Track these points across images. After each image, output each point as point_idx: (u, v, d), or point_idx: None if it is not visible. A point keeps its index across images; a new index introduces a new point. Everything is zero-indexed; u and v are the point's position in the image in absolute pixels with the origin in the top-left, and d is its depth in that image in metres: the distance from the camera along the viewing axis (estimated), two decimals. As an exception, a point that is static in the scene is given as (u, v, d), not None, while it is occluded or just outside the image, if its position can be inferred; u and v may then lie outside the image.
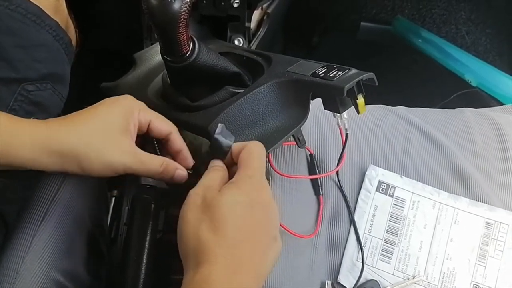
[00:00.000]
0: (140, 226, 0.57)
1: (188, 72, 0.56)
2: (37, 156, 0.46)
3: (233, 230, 0.41)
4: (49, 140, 0.46)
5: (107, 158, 0.48)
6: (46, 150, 0.46)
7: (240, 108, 0.54)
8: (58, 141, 0.47)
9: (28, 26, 0.53)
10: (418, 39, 1.30)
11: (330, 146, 0.63)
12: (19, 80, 0.52)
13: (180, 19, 0.48)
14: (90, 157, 0.48)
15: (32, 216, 0.52)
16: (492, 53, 1.38)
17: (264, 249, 0.43)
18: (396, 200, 0.60)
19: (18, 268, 0.49)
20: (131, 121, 0.51)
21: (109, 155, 0.49)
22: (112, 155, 0.49)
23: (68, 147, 0.47)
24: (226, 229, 0.41)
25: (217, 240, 0.41)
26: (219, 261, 0.40)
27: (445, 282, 0.56)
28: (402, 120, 0.68)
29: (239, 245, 0.41)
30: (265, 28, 0.92)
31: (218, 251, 0.40)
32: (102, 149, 0.48)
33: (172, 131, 0.54)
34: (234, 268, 0.40)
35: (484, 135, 0.66)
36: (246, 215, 0.43)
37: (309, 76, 0.53)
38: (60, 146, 0.47)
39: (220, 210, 0.42)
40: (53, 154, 0.47)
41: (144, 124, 0.53)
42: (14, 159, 0.45)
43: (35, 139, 0.46)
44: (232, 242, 0.41)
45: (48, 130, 0.47)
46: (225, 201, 0.43)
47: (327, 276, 0.57)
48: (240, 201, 0.43)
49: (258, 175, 0.46)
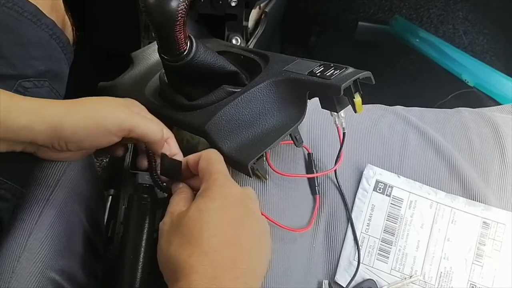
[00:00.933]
0: (137, 225, 0.57)
1: (185, 71, 0.56)
2: (32, 123, 0.45)
3: (207, 237, 0.41)
4: (44, 106, 0.46)
5: (101, 114, 0.48)
6: (40, 116, 0.45)
7: (237, 107, 0.54)
8: (53, 106, 0.46)
9: (24, 24, 0.53)
10: (416, 39, 1.31)
11: (328, 145, 0.63)
12: (16, 77, 0.51)
13: (178, 18, 0.48)
14: (85, 116, 0.47)
15: (28, 215, 0.52)
16: (489, 53, 1.38)
17: (249, 248, 0.43)
18: (393, 200, 0.60)
19: (13, 267, 0.49)
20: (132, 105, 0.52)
21: (104, 110, 0.48)
22: (106, 110, 0.48)
23: (63, 111, 0.46)
24: (198, 239, 0.41)
25: (190, 253, 0.41)
26: (198, 270, 0.40)
27: (442, 281, 0.56)
28: (399, 119, 0.68)
29: (216, 250, 0.41)
30: (263, 27, 0.92)
31: (193, 262, 0.40)
32: (97, 107, 0.48)
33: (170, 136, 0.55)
34: (215, 273, 0.40)
35: (482, 135, 0.66)
36: (218, 220, 0.42)
37: (306, 75, 0.52)
38: (54, 111, 0.46)
39: (188, 224, 0.42)
40: (46, 119, 0.46)
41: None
42: (12, 126, 0.45)
43: (32, 105, 0.46)
44: (208, 249, 0.41)
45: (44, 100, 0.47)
46: (192, 214, 0.43)
47: (324, 275, 0.57)
48: (207, 208, 0.43)
49: (221, 177, 0.46)
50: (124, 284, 0.55)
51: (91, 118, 0.47)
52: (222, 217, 0.43)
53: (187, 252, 0.41)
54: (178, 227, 0.43)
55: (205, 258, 0.40)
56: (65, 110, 0.47)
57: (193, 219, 0.42)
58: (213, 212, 0.43)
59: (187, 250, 0.41)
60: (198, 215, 0.42)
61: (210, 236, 0.41)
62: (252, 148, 0.53)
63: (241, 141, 0.54)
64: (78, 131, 0.47)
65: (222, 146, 0.53)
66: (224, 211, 0.43)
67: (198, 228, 0.42)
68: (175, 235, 0.43)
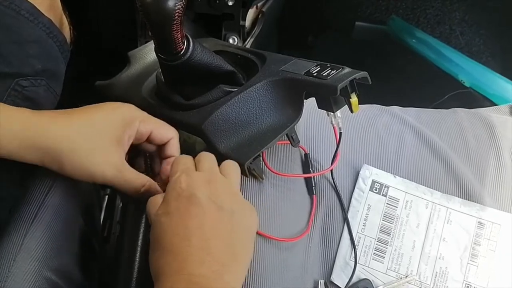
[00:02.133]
0: (133, 225, 0.57)
1: (182, 70, 0.56)
2: (22, 151, 0.46)
3: (163, 238, 0.44)
4: (37, 136, 0.46)
5: (89, 166, 0.48)
6: (33, 145, 0.46)
7: (234, 107, 0.54)
8: (46, 138, 0.46)
9: (21, 22, 0.53)
10: (413, 39, 1.31)
11: (324, 145, 0.63)
12: (13, 75, 0.51)
13: (175, 17, 0.48)
14: (73, 161, 0.47)
15: (24, 214, 0.52)
16: (486, 54, 1.39)
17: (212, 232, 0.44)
18: (389, 200, 0.60)
19: (9, 266, 0.49)
20: (127, 132, 0.50)
21: (93, 163, 0.48)
22: (95, 164, 0.48)
23: (54, 146, 0.46)
24: (159, 242, 0.44)
25: (157, 256, 0.43)
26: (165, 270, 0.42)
27: (438, 281, 0.57)
28: (396, 119, 0.68)
29: (177, 246, 0.43)
30: (260, 27, 0.92)
31: (161, 264, 0.42)
32: (87, 155, 0.48)
33: (174, 136, 0.55)
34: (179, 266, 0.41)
35: (477, 135, 0.66)
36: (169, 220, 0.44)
37: (302, 75, 0.53)
38: (47, 144, 0.46)
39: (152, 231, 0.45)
40: (38, 150, 0.46)
41: (145, 134, 0.52)
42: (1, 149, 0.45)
43: (25, 132, 0.45)
44: (170, 248, 0.43)
45: (38, 125, 0.46)
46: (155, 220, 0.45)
47: (320, 275, 0.57)
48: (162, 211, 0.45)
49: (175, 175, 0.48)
50: (120, 283, 0.55)
51: (80, 168, 0.48)
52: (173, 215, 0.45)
53: (155, 257, 0.44)
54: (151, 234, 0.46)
55: (168, 256, 0.42)
56: (56, 148, 0.47)
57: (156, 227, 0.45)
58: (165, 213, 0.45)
59: (155, 255, 0.44)
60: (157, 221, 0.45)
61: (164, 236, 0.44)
62: (249, 147, 0.53)
63: (238, 141, 0.54)
64: (67, 172, 0.48)
65: (218, 145, 0.54)
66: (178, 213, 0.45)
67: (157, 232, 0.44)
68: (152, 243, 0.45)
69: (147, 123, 0.52)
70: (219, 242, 0.44)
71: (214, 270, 0.42)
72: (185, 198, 0.45)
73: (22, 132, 0.45)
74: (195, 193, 0.45)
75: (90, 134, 0.48)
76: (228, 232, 0.45)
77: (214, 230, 0.44)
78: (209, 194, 0.46)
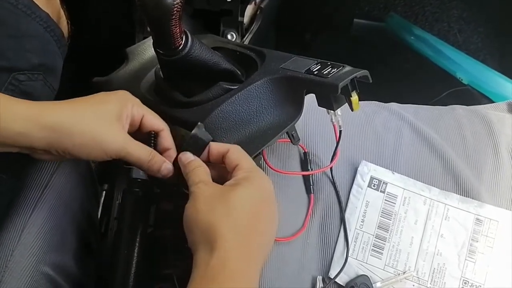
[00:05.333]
0: (131, 220, 0.56)
1: (180, 66, 0.55)
2: (29, 130, 0.45)
3: (246, 219, 0.44)
4: (42, 115, 0.45)
5: (99, 137, 0.47)
6: (38, 124, 0.45)
7: (234, 104, 0.54)
8: (52, 117, 0.46)
9: (18, 16, 0.52)
10: (411, 36, 1.31)
11: (323, 142, 0.63)
12: (10, 69, 0.51)
13: (173, 12, 0.47)
14: (84, 134, 0.47)
15: (22, 209, 0.52)
16: (483, 51, 1.39)
17: (268, 241, 0.47)
18: (387, 196, 0.61)
19: (6, 261, 0.49)
20: (125, 111, 0.50)
21: (102, 134, 0.48)
22: (105, 135, 0.48)
23: (61, 123, 0.46)
24: (238, 217, 0.43)
25: (230, 227, 0.43)
26: (234, 246, 0.42)
27: (435, 277, 0.57)
28: (394, 116, 0.68)
29: (249, 234, 0.44)
30: (258, 23, 0.92)
31: (232, 237, 0.42)
32: (95, 128, 0.48)
33: (164, 128, 0.54)
34: (246, 254, 0.42)
35: (475, 132, 0.66)
36: (256, 207, 0.45)
37: (303, 73, 0.52)
38: (54, 122, 0.46)
39: (235, 201, 0.44)
40: (45, 130, 0.45)
41: (137, 119, 0.52)
42: (6, 132, 0.44)
43: (29, 112, 0.45)
44: (244, 230, 0.43)
45: (42, 106, 0.46)
46: (240, 194, 0.45)
47: (318, 271, 0.57)
48: (253, 195, 0.45)
49: (259, 170, 0.48)
50: (118, 279, 0.54)
51: (91, 139, 0.47)
52: (258, 210, 0.45)
53: (229, 224, 0.43)
54: (220, 198, 0.45)
55: (240, 238, 0.43)
56: (63, 122, 0.46)
57: (238, 200, 0.44)
58: (253, 201, 0.45)
59: (229, 223, 0.43)
60: (242, 199, 0.45)
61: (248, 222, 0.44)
62: (249, 145, 0.52)
63: (238, 139, 0.54)
64: (76, 147, 0.47)
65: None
66: (261, 205, 0.46)
67: (241, 210, 0.44)
68: (218, 204, 0.44)
69: (139, 107, 0.53)
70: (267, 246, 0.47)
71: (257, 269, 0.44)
72: (273, 205, 0.48)
73: (27, 111, 0.45)
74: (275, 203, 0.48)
75: (93, 110, 0.48)
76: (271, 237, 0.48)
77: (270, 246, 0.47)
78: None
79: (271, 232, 0.47)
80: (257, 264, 0.44)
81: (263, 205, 0.46)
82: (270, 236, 0.47)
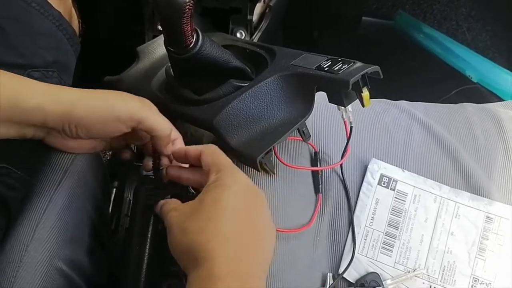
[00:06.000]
0: (142, 217, 0.57)
1: (191, 64, 0.56)
2: (44, 103, 0.46)
3: (224, 221, 0.42)
4: (59, 91, 0.47)
5: (111, 100, 0.49)
6: (54, 98, 0.46)
7: (245, 102, 0.55)
8: (67, 93, 0.48)
9: (32, 14, 0.53)
10: (420, 34, 1.31)
11: (333, 139, 0.63)
12: (25, 67, 0.52)
13: (185, 10, 0.48)
14: (96, 100, 0.48)
15: (36, 204, 0.52)
16: (492, 49, 1.38)
17: (263, 234, 0.44)
18: (397, 194, 0.61)
19: (21, 256, 0.49)
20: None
21: (117, 100, 0.49)
22: (119, 100, 0.49)
23: (76, 97, 0.47)
24: (217, 225, 0.41)
25: (210, 238, 0.41)
26: (220, 253, 0.40)
27: (445, 275, 0.57)
28: (404, 114, 0.68)
29: (235, 236, 0.41)
30: (267, 21, 0.92)
31: (214, 246, 0.40)
32: (109, 96, 0.49)
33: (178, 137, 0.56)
34: (237, 256, 0.40)
35: (486, 130, 0.66)
36: (232, 206, 0.43)
37: (313, 69, 0.53)
38: (68, 95, 0.47)
39: (203, 212, 0.43)
40: (59, 103, 0.46)
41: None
42: (25, 104, 0.45)
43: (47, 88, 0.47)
44: (228, 234, 0.41)
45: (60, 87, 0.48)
46: (206, 203, 0.43)
47: (329, 268, 0.57)
48: (222, 196, 0.43)
49: (230, 166, 0.47)
50: (130, 275, 0.55)
51: (103, 106, 0.48)
52: (236, 203, 0.43)
53: (206, 237, 0.41)
54: (191, 216, 0.43)
55: (226, 242, 0.41)
56: (78, 95, 0.48)
57: (208, 207, 0.43)
58: (227, 198, 0.43)
59: (205, 236, 0.41)
60: (213, 203, 0.43)
61: (228, 221, 0.42)
62: (260, 142, 0.53)
63: (249, 136, 0.54)
64: (89, 115, 0.48)
65: (230, 140, 0.54)
66: (237, 198, 0.44)
67: (215, 215, 0.42)
68: (190, 223, 0.43)
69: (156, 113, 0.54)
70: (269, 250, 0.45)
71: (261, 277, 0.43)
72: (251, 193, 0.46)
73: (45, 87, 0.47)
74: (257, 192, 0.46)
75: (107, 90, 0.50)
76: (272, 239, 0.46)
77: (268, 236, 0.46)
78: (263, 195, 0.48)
79: (263, 222, 0.45)
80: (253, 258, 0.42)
81: (240, 197, 0.44)
82: (263, 226, 0.45)
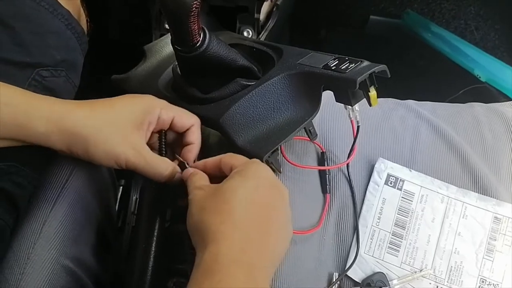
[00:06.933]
0: (149, 215, 0.57)
1: (198, 63, 0.56)
2: (50, 132, 0.47)
3: (238, 209, 0.42)
4: (63, 117, 0.47)
5: (112, 148, 0.49)
6: (59, 128, 0.47)
7: (252, 100, 0.55)
8: (72, 121, 0.47)
9: (41, 13, 0.53)
10: (428, 33, 1.30)
11: (339, 138, 0.63)
12: (34, 65, 0.52)
13: (192, 9, 0.48)
14: (97, 144, 0.48)
15: (43, 202, 0.53)
16: (501, 49, 1.37)
17: (276, 231, 0.44)
18: (404, 194, 0.60)
19: (28, 253, 0.50)
20: (148, 118, 0.51)
21: (116, 146, 0.49)
22: (118, 146, 0.49)
23: (79, 129, 0.48)
24: (232, 210, 0.42)
25: (222, 220, 0.41)
26: (227, 237, 0.40)
27: (452, 276, 0.56)
28: (411, 113, 0.67)
29: (247, 226, 0.42)
30: (274, 20, 0.92)
31: (224, 229, 0.41)
32: (111, 139, 0.49)
33: (195, 123, 0.55)
34: (243, 246, 0.41)
35: (494, 129, 0.66)
36: (251, 198, 0.43)
37: (321, 68, 0.52)
38: (73, 127, 0.47)
39: (224, 194, 0.43)
40: (64, 133, 0.47)
41: (167, 121, 0.53)
42: (30, 131, 0.46)
43: (52, 114, 0.47)
44: (240, 223, 0.42)
45: (64, 109, 0.48)
46: (228, 186, 0.44)
47: (335, 268, 0.57)
48: (242, 185, 0.44)
49: (255, 160, 0.47)
50: (136, 273, 0.55)
51: (103, 151, 0.49)
52: (255, 197, 0.43)
53: (220, 218, 0.42)
54: (211, 196, 0.44)
55: (236, 229, 0.41)
56: (82, 128, 0.48)
57: (228, 192, 0.43)
58: (247, 190, 0.43)
59: (220, 217, 0.42)
60: (233, 190, 0.43)
61: (243, 211, 0.42)
62: (267, 141, 0.53)
63: (256, 134, 0.54)
64: (90, 155, 0.49)
65: (236, 139, 0.54)
66: (256, 191, 0.44)
67: (232, 201, 0.43)
68: (208, 202, 0.44)
69: (169, 109, 0.53)
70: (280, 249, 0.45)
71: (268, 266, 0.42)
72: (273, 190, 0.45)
73: (49, 113, 0.47)
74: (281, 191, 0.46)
75: (111, 119, 0.49)
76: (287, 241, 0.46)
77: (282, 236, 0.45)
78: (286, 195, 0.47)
79: (278, 220, 0.45)
80: (261, 252, 0.42)
81: (260, 192, 0.44)
82: (278, 224, 0.44)
